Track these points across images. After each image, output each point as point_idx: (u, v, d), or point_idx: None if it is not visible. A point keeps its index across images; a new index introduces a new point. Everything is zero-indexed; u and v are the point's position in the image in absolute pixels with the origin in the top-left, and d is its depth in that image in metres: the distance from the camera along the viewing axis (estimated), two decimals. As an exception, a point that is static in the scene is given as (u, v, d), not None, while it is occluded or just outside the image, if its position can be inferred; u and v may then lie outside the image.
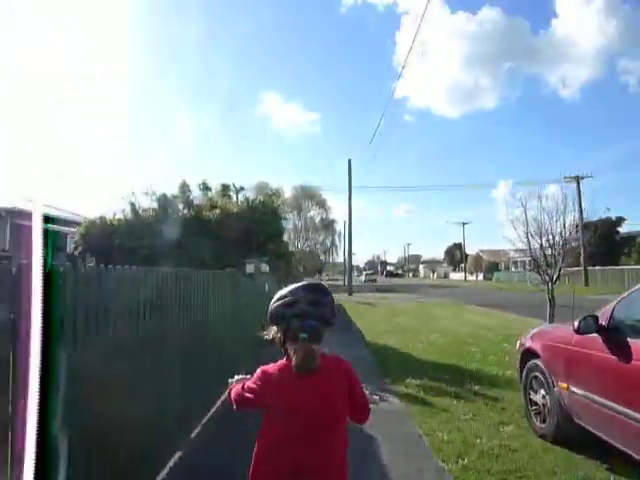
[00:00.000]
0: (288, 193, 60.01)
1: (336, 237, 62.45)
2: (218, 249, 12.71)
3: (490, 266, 78.65)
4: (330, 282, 66.86)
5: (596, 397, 3.74)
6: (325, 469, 1.67)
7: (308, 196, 61.96)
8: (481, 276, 73.20)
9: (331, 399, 1.73)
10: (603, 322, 3.81)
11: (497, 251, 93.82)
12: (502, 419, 5.32)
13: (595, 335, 3.82)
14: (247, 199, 12.98)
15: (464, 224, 79.36)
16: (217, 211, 13.08)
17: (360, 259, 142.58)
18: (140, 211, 13.14)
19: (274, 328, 1.82)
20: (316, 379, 1.71)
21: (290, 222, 59.60)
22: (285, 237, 57.90)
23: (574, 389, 4.07)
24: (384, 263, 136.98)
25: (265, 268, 10.11)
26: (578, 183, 43.91)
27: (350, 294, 32.15)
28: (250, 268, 9.98)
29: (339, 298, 29.05)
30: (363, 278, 70.91)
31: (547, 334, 4.92)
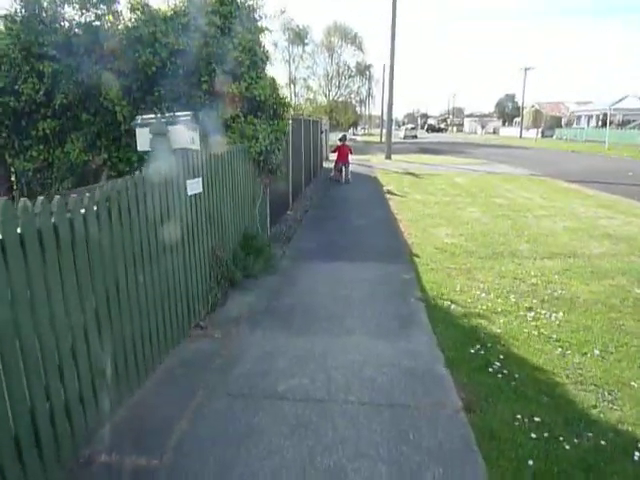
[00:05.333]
0: (319, 33, 49.92)
1: (373, 85, 53.45)
2: (138, 94, 6.54)
3: (551, 121, 68.22)
4: (365, 138, 59.31)
5: None
6: (345, 161, 15.09)
7: (342, 35, 51.75)
8: (537, 133, 63.32)
9: (346, 151, 15.20)
10: None
11: (556, 104, 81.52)
12: None
13: None
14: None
15: (526, 69, 66.75)
16: (134, 15, 6.51)
17: (399, 112, 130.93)
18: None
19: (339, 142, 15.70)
20: (343, 146, 15.20)
21: (320, 67, 50.89)
22: (314, 84, 49.51)
23: None
24: (425, 116, 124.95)
25: (189, 138, 4.00)
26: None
27: (388, 157, 25.54)
28: (143, 138, 3.92)
29: (374, 163, 22.67)
30: (402, 133, 62.70)
31: None
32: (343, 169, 15.10)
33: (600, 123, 58.42)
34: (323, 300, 5.07)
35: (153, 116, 4.16)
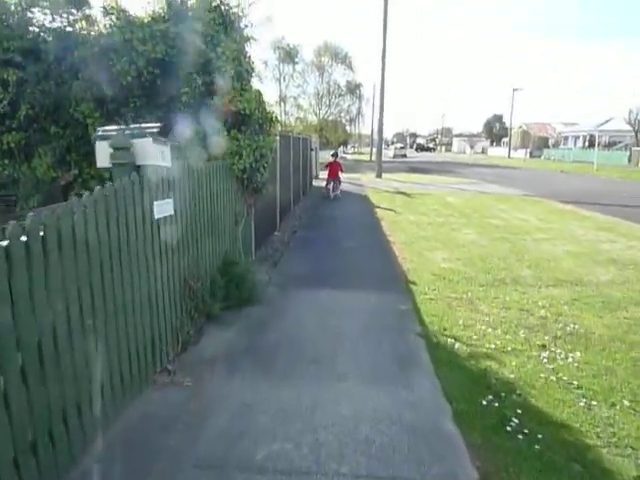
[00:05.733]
0: (309, 53, 49.99)
1: (363, 104, 53.49)
2: (112, 105, 6.03)
3: (538, 142, 68.98)
4: (355, 157, 59.22)
5: None
6: (335, 177, 15.58)
7: (332, 54, 52.01)
8: (526, 153, 63.78)
9: (336, 167, 15.60)
10: None
11: (543, 125, 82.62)
12: None
13: None
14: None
15: (514, 90, 67.53)
16: (108, 20, 6.02)
17: (388, 131, 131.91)
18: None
19: (331, 158, 16.63)
20: (334, 162, 15.73)
21: (311, 86, 50.92)
22: (304, 103, 49.52)
23: None
24: (414, 135, 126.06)
25: (159, 153, 3.49)
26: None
27: (379, 176, 25.21)
28: (103, 153, 3.39)
29: (364, 182, 22.23)
30: (391, 153, 62.66)
31: None
32: (332, 185, 15.80)
33: (587, 144, 59.09)
34: (312, 336, 4.50)
35: (116, 127, 3.65)
